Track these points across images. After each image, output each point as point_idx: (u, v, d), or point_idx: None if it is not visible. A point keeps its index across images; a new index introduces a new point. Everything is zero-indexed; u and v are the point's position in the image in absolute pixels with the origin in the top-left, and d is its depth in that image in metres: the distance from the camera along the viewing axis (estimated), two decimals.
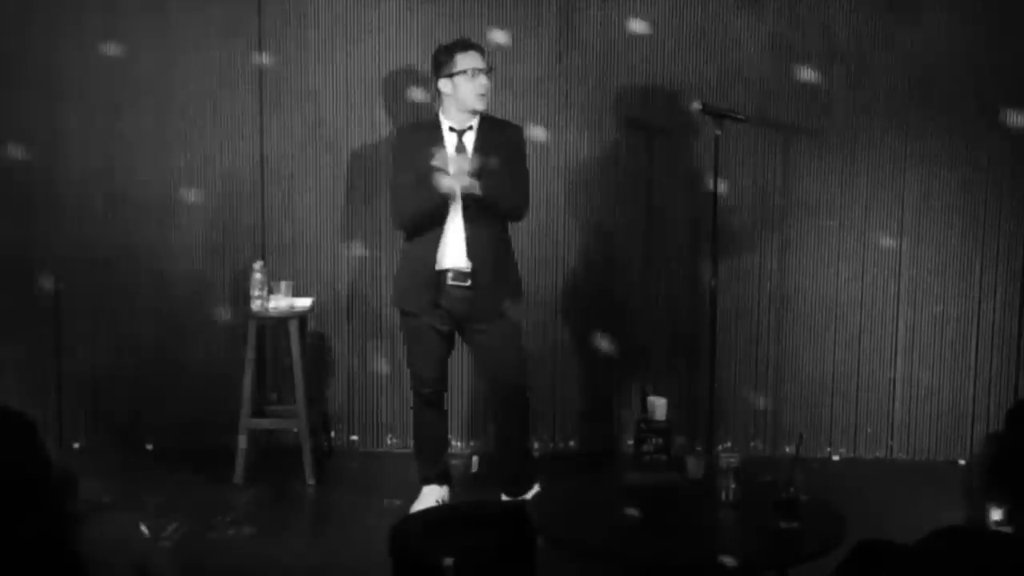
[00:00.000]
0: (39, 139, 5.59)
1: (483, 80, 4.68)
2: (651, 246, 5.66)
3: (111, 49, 5.53)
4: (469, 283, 4.72)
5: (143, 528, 2.76)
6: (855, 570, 2.80)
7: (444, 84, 4.72)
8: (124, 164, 5.62)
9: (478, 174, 4.62)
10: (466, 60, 4.67)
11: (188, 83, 5.59)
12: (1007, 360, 5.68)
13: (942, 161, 5.60)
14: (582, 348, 5.73)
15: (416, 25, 5.57)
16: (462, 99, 4.70)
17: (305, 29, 5.57)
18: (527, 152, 4.90)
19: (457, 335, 4.92)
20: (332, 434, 5.79)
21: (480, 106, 4.70)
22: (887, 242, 5.63)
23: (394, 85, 5.59)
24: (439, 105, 4.79)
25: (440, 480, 4.99)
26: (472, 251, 4.70)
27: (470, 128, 4.74)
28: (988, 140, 5.56)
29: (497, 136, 4.75)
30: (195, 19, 5.55)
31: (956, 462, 5.69)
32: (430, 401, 4.95)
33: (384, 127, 5.60)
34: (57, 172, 5.62)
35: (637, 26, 5.51)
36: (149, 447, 5.75)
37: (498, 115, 4.97)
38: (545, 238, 5.65)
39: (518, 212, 4.83)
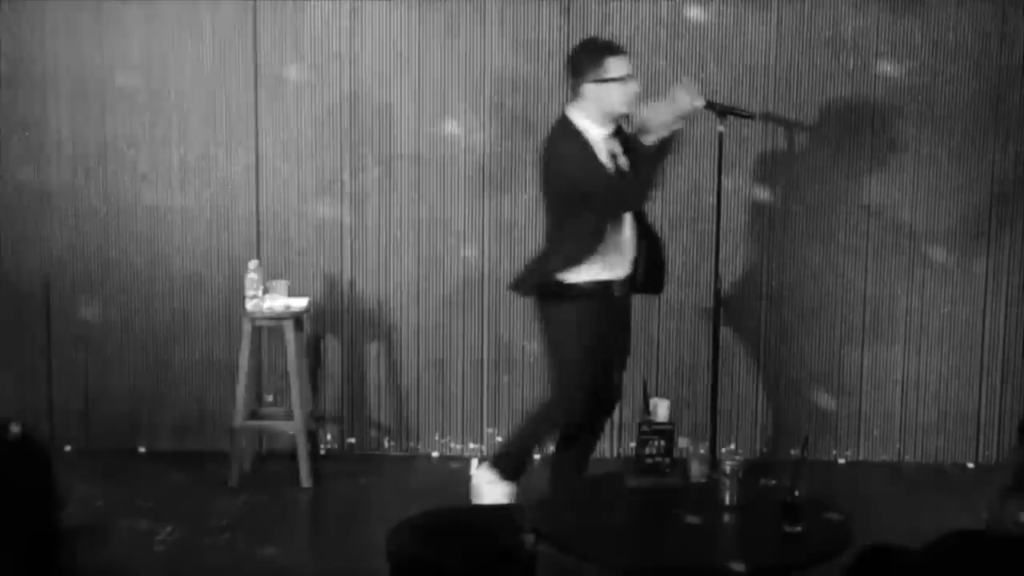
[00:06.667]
0: (30, 137, 5.54)
1: (634, 86, 4.48)
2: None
3: (103, 45, 5.49)
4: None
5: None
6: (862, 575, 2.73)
7: (590, 88, 4.46)
8: (117, 162, 5.56)
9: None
10: (618, 66, 4.45)
11: (181, 80, 5.53)
12: (1016, 362, 5.61)
13: (951, 158, 5.53)
14: None
15: (414, 21, 5.50)
16: (610, 105, 4.46)
17: (301, 24, 5.51)
18: None
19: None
20: (328, 437, 5.72)
21: (629, 111, 4.49)
22: (895, 242, 5.57)
23: (392, 82, 5.53)
24: (575, 107, 4.50)
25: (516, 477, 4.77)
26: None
27: (613, 133, 4.53)
28: (998, 137, 5.49)
29: (625, 137, 4.56)
30: (188, 14, 5.49)
31: (965, 465, 5.62)
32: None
33: (382, 123, 5.53)
34: (49, 171, 5.56)
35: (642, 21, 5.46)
36: (142, 450, 5.69)
37: (501, 115, 4.90)
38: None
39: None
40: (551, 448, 4.91)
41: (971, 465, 5.62)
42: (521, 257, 5.51)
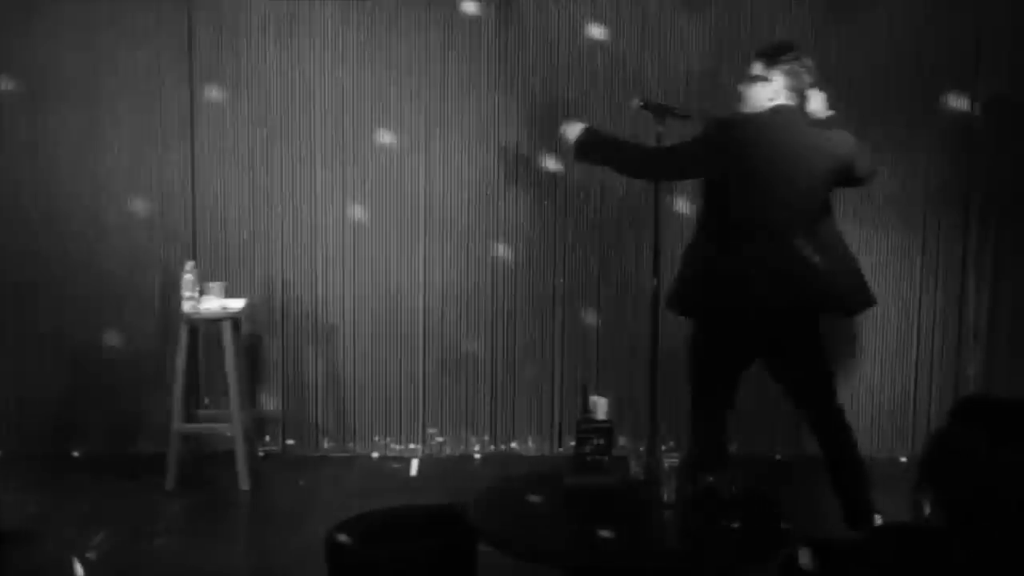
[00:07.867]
0: None
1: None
2: (596, 243, 5.62)
3: (37, 46, 5.40)
4: None
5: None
6: (799, 570, 2.76)
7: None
8: (51, 163, 5.48)
9: None
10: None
11: (116, 81, 5.45)
12: (950, 355, 5.69)
13: (883, 151, 5.58)
14: (525, 346, 5.67)
15: (350, 23, 5.48)
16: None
17: (236, 24, 5.46)
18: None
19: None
20: (267, 438, 5.68)
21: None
22: None
23: (331, 84, 5.50)
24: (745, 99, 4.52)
25: None
26: None
27: None
28: (928, 130, 5.57)
29: None
30: (123, 16, 5.42)
31: (898, 459, 5.69)
32: None
33: (321, 125, 5.49)
34: None
35: (586, 27, 5.48)
36: (76, 454, 5.60)
37: (441, 119, 4.89)
38: (487, 240, 5.59)
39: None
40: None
41: (903, 459, 5.70)
42: (461, 259, 5.53)
